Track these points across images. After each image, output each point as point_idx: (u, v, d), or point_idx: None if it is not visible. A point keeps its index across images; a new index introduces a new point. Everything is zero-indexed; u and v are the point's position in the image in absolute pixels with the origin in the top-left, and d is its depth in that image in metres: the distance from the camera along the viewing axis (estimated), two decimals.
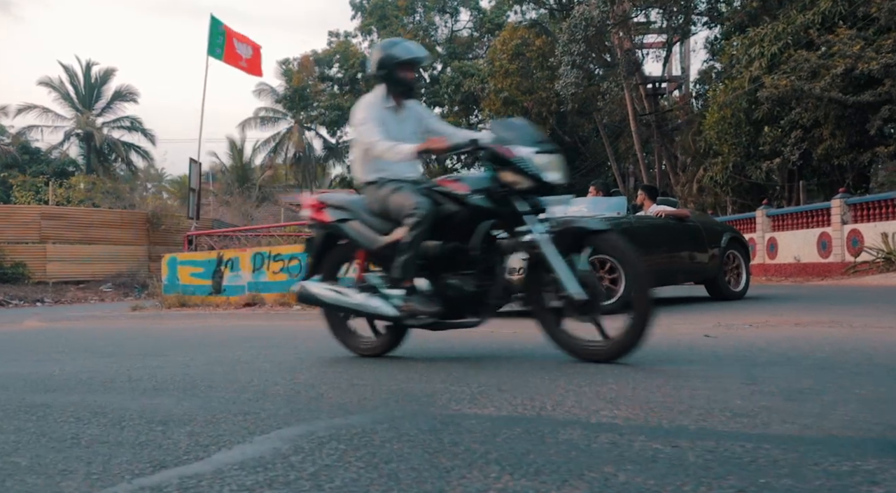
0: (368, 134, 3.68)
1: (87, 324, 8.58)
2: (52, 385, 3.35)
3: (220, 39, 12.19)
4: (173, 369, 3.77)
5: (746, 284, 7.74)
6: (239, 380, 3.23)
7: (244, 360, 4.14)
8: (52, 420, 2.46)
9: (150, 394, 2.97)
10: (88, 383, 3.39)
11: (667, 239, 6.95)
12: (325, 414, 2.34)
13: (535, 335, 4.79)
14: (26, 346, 5.93)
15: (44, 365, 4.33)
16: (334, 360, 3.89)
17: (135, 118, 46.17)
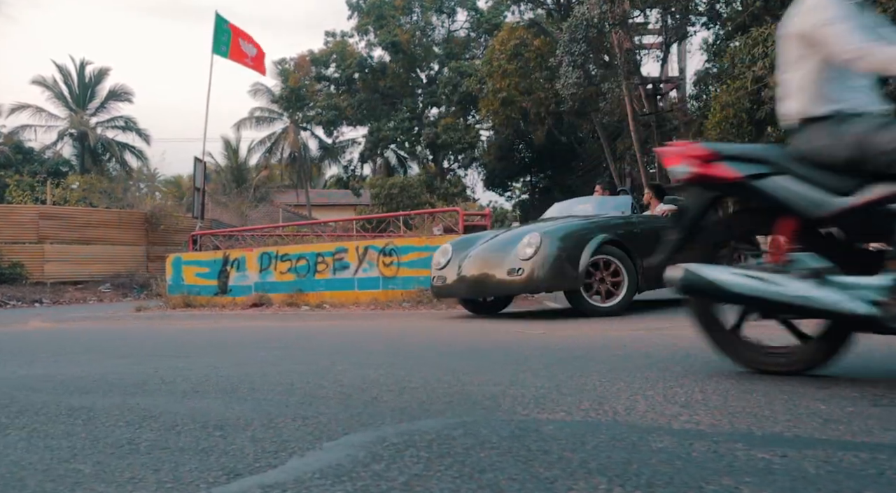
0: (842, 37, 2.45)
1: (94, 324, 8.44)
2: (84, 387, 3.24)
3: (225, 37, 12.09)
4: (203, 371, 3.66)
5: None
6: (280, 382, 3.12)
7: (271, 361, 4.03)
8: (101, 424, 2.36)
9: (192, 396, 2.86)
10: (120, 384, 3.28)
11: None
12: (388, 419, 2.24)
13: (567, 334, 4.72)
14: (39, 347, 5.80)
15: (65, 366, 4.22)
16: (366, 361, 3.78)
17: (129, 118, 46.01)
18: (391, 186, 31.54)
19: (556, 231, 6.21)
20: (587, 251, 5.93)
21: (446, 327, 5.70)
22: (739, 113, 17.75)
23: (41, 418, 2.54)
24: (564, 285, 6.03)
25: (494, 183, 42.34)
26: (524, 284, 6.01)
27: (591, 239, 6.01)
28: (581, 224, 6.44)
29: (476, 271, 6.32)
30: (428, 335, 5.22)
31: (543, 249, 5.95)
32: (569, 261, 5.92)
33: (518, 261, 6.03)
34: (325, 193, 53.31)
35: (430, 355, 3.89)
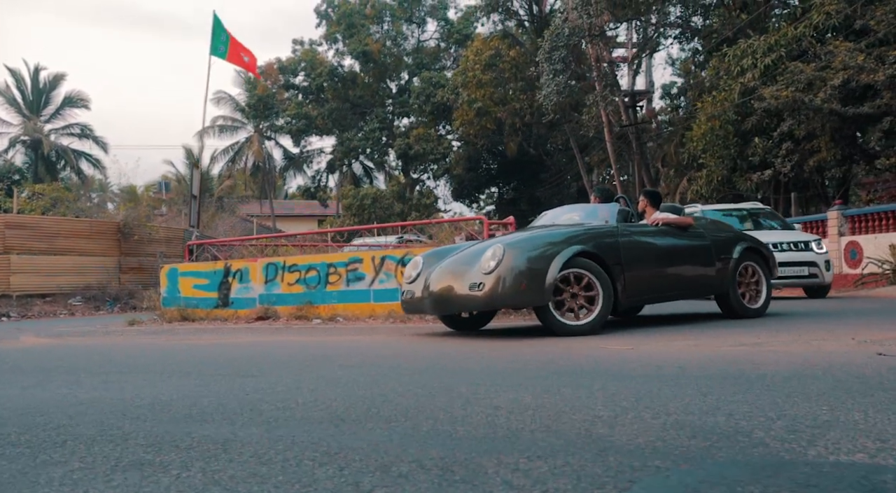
0: None
1: (95, 340, 7.83)
2: (192, 414, 2.77)
3: (223, 37, 11.57)
4: (296, 393, 3.22)
5: (767, 300, 6.74)
6: (421, 407, 2.70)
7: (362, 382, 3.59)
8: (295, 464, 1.92)
9: (329, 424, 2.43)
10: (228, 409, 2.83)
11: (660, 250, 6.19)
12: (649, 459, 1.86)
13: (657, 349, 4.32)
14: (54, 365, 5.24)
15: (126, 388, 3.72)
16: (508, 382, 3.38)
17: (85, 125, 44.63)
18: (363, 196, 31.12)
19: (522, 243, 5.73)
20: (556, 264, 5.39)
21: (512, 347, 5.29)
22: (725, 125, 17.81)
23: (204, 454, 2.09)
24: (529, 300, 5.55)
25: (462, 194, 42.16)
26: (485, 299, 5.50)
27: (561, 251, 5.48)
28: (552, 235, 5.88)
29: (441, 285, 5.84)
30: (513, 354, 4.84)
31: (506, 262, 5.43)
32: (534, 275, 5.39)
33: (480, 275, 5.53)
34: (287, 204, 52.48)
35: (558, 375, 3.50)
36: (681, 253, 6.32)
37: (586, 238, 5.75)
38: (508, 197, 43.19)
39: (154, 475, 1.93)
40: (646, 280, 5.99)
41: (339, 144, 35.58)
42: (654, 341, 5.00)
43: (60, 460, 2.17)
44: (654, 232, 6.35)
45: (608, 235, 5.92)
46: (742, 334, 5.23)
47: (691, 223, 6.57)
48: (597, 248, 5.66)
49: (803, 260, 10.39)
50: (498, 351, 4.82)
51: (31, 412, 3.10)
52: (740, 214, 11.65)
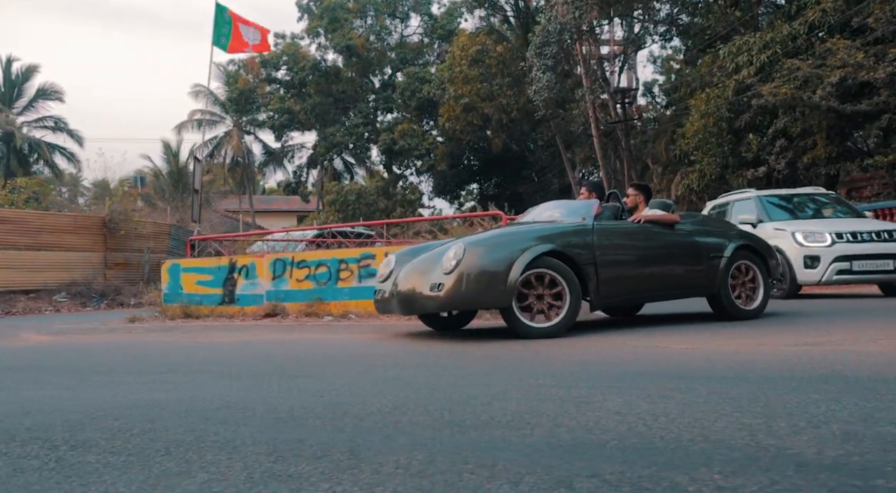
0: None
1: (101, 338, 7.56)
2: (260, 418, 2.59)
3: (225, 29, 11.25)
4: (368, 395, 3.04)
5: (764, 301, 6.38)
6: (536, 412, 2.55)
7: (417, 384, 3.43)
8: (419, 472, 1.75)
9: (446, 430, 2.27)
10: (296, 414, 2.65)
11: (639, 249, 5.95)
12: (859, 478, 1.72)
13: (715, 347, 4.18)
14: (76, 365, 4.99)
15: (164, 389, 3.51)
16: (574, 384, 3.23)
17: (59, 118, 43.67)
18: (348, 192, 30.80)
19: (484, 242, 5.52)
20: (519, 264, 5.18)
21: (551, 349, 5.14)
22: (719, 122, 17.82)
23: (339, 464, 1.92)
24: (491, 301, 5.35)
25: (444, 190, 41.95)
26: (444, 300, 5.29)
27: (526, 251, 5.25)
28: (518, 233, 5.65)
29: (406, 285, 5.67)
30: (566, 356, 4.69)
31: (467, 261, 5.25)
32: (495, 275, 5.19)
33: (441, 275, 5.34)
34: (266, 200, 51.89)
35: (637, 376, 3.36)
36: (664, 252, 6.03)
37: (555, 237, 5.52)
38: (490, 193, 43.07)
39: (304, 488, 1.75)
40: (623, 280, 5.75)
41: (322, 139, 35.16)
42: (702, 340, 4.88)
43: (181, 470, 1.98)
44: (634, 230, 6.08)
45: (580, 233, 5.66)
46: (774, 333, 5.14)
47: (677, 220, 6.26)
48: (566, 247, 5.44)
49: (887, 252, 9.00)
50: (543, 353, 4.67)
51: (100, 415, 2.90)
52: (800, 200, 10.71)
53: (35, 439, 2.50)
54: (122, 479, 1.92)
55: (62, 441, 2.43)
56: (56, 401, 3.40)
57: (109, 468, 2.04)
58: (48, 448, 2.35)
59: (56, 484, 1.91)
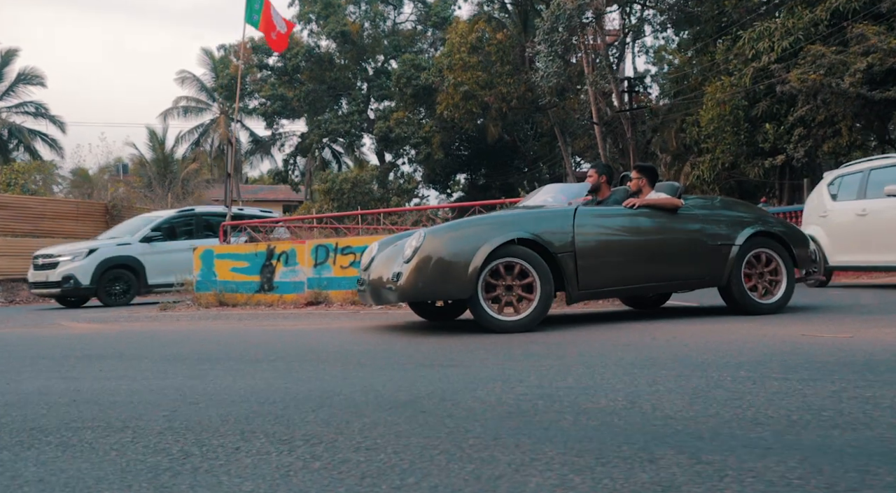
0: None
1: (149, 326, 7.08)
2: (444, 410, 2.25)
3: (257, 6, 10.77)
4: (498, 384, 2.72)
5: (787, 294, 5.70)
6: (742, 400, 2.24)
7: (549, 376, 3.11)
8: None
9: (635, 421, 1.95)
10: (471, 408, 2.31)
11: (629, 236, 5.48)
12: None
13: (875, 338, 3.87)
14: (161, 353, 4.58)
15: (311, 379, 3.16)
16: (748, 375, 2.92)
17: (40, 103, 42.61)
18: (343, 181, 30.31)
19: (447, 229, 5.19)
20: (482, 253, 4.84)
21: (685, 334, 4.84)
22: (735, 110, 17.64)
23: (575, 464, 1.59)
24: (452, 292, 4.98)
25: (435, 180, 41.55)
26: (402, 291, 4.97)
27: (491, 238, 4.89)
28: (487, 220, 5.32)
29: (375, 274, 5.40)
30: (704, 342, 4.38)
31: (425, 249, 4.93)
32: (456, 264, 4.86)
33: (400, 264, 5.05)
34: (251, 190, 51.11)
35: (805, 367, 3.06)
36: (658, 239, 5.53)
37: (528, 223, 5.12)
38: (481, 183, 42.73)
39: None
40: (608, 270, 5.31)
41: (314, 126, 34.57)
42: (840, 329, 4.61)
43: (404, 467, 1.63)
44: (624, 215, 5.55)
45: (559, 219, 5.23)
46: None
47: (678, 205, 5.66)
48: (539, 234, 5.04)
49: None
50: (674, 340, 4.36)
51: (262, 404, 2.53)
52: None
53: (259, 433, 2.14)
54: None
55: (280, 434, 2.08)
56: (199, 391, 3.02)
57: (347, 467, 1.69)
58: (280, 442, 2.00)
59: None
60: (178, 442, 2.15)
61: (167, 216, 13.24)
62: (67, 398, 3.02)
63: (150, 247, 12.43)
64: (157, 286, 12.32)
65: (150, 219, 13.33)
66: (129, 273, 12.18)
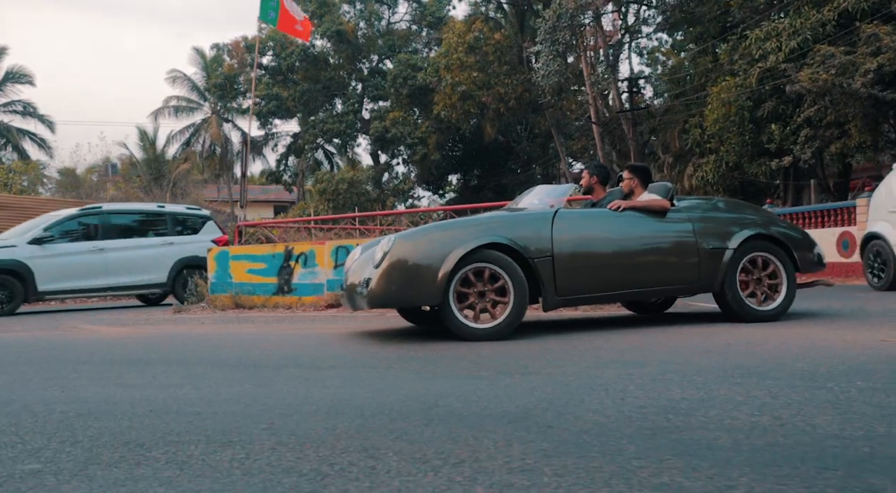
0: None
1: (174, 329, 6.87)
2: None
3: (273, 2, 10.54)
4: (613, 397, 2.58)
5: (786, 301, 5.40)
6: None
7: (675, 381, 2.97)
8: None
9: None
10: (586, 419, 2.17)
11: (611, 240, 5.22)
12: None
13: None
14: (185, 358, 4.42)
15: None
16: (848, 385, 2.79)
17: (28, 102, 42.06)
18: (339, 181, 30.08)
19: (417, 233, 5.02)
20: (452, 258, 4.67)
21: (755, 342, 4.71)
22: (741, 110, 17.60)
23: None
24: (421, 298, 4.82)
25: (429, 180, 41.39)
26: (373, 297, 4.80)
27: (463, 243, 4.72)
28: (460, 223, 5.18)
29: (350, 279, 5.29)
30: (774, 353, 4.25)
31: (394, 254, 4.77)
32: (425, 269, 4.70)
33: (370, 269, 4.91)
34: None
35: None
36: (642, 242, 5.27)
37: (503, 227, 4.93)
38: (474, 184, 42.60)
39: None
40: (588, 275, 5.08)
41: (310, 126, 34.31)
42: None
43: None
44: (608, 218, 5.31)
45: (536, 222, 5.03)
46: None
47: (666, 207, 5.38)
48: (514, 238, 4.85)
49: None
50: (748, 346, 4.24)
51: (372, 414, 2.37)
52: None
53: (383, 449, 1.98)
54: None
55: (409, 451, 1.92)
56: (279, 401, 2.85)
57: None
58: (416, 460, 1.84)
59: None
60: (300, 460, 1.99)
61: (65, 215, 11.74)
62: (142, 408, 2.85)
63: (41, 249, 10.97)
64: (51, 293, 11.11)
65: (46, 218, 11.94)
66: (12, 279, 10.68)
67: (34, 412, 2.84)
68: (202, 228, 12.57)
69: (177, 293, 11.79)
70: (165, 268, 11.80)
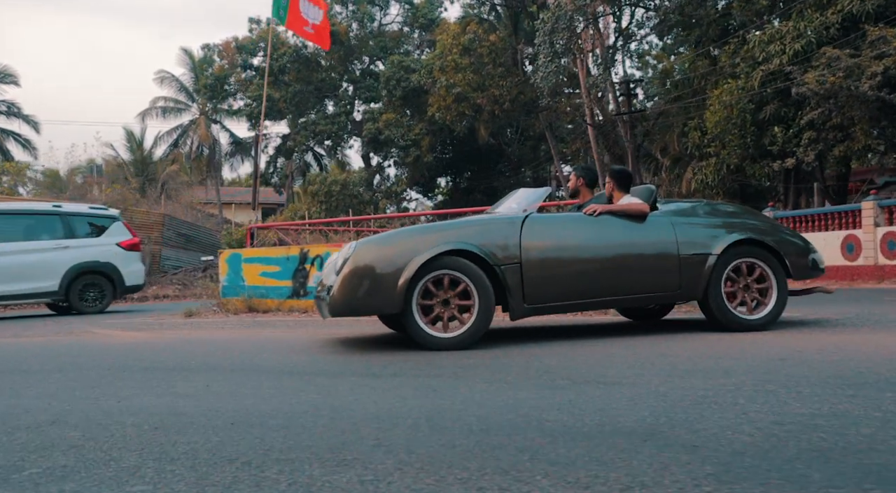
0: None
1: (195, 334, 6.63)
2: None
3: (284, 1, 10.26)
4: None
5: (776, 309, 5.12)
6: None
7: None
8: None
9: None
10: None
11: (584, 246, 4.97)
12: None
13: None
14: (218, 365, 4.22)
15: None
16: None
17: (12, 102, 41.41)
18: (332, 183, 29.80)
19: (379, 239, 4.85)
20: (413, 265, 4.52)
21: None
22: (742, 113, 17.58)
23: None
24: (381, 306, 4.64)
25: (420, 182, 41.19)
26: (334, 304, 4.63)
27: (425, 249, 4.56)
28: (424, 229, 5.00)
29: (321, 285, 5.15)
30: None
31: (353, 261, 4.61)
32: (385, 277, 4.55)
33: (332, 276, 4.76)
34: (230, 191, 50.23)
35: None
36: (620, 249, 5.03)
37: (469, 233, 4.75)
38: (464, 186, 42.44)
39: None
40: (560, 283, 4.86)
41: (301, 128, 34.00)
42: None
43: None
44: (581, 223, 5.08)
45: (504, 227, 4.83)
46: None
47: (645, 211, 5.15)
48: (480, 244, 4.68)
49: None
50: (824, 353, 4.12)
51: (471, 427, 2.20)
52: None
53: (526, 471, 1.81)
54: None
55: (551, 472, 1.75)
56: (358, 412, 2.67)
57: None
58: (567, 484, 1.67)
59: None
60: (440, 483, 1.81)
61: None
62: (219, 421, 2.66)
63: None
64: None
65: None
66: None
67: (103, 425, 2.65)
68: (107, 229, 11.55)
69: (72, 303, 10.98)
70: (57, 275, 10.77)
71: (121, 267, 11.41)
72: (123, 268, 11.45)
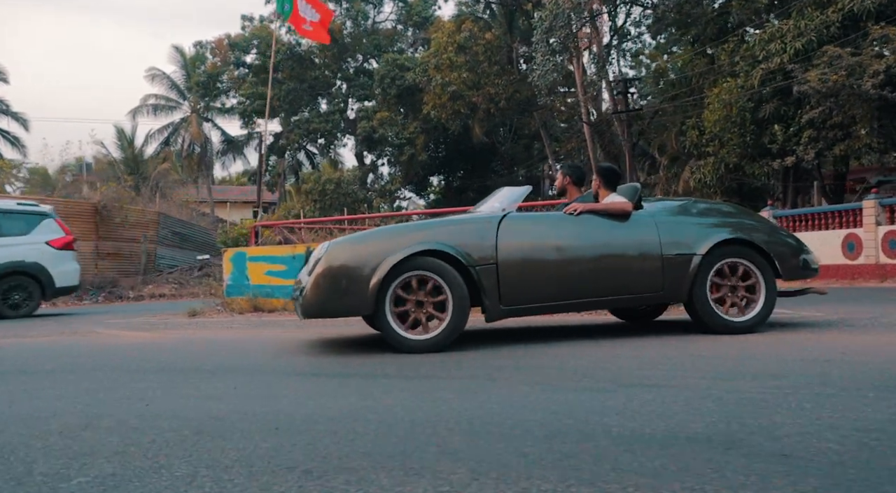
0: None
1: (204, 334, 6.50)
2: None
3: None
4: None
5: (764, 311, 4.95)
6: None
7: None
8: None
9: None
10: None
11: (562, 246, 4.81)
12: None
13: None
14: (242, 366, 4.10)
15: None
16: None
17: (1, 99, 40.92)
18: (326, 182, 29.63)
19: (352, 239, 4.75)
20: (385, 265, 4.41)
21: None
22: (742, 112, 17.56)
23: None
24: (352, 308, 4.53)
25: (413, 181, 41.05)
26: (306, 305, 4.54)
27: (397, 250, 4.45)
28: (398, 229, 4.92)
29: (297, 286, 5.02)
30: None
31: (326, 261, 4.49)
32: (356, 277, 4.43)
33: (306, 276, 4.67)
34: (220, 190, 49.91)
35: None
36: (600, 249, 4.88)
37: (444, 233, 4.64)
38: (457, 185, 42.32)
39: None
40: (538, 284, 4.73)
41: (294, 126, 33.77)
42: None
43: None
44: (561, 222, 4.95)
45: (480, 227, 4.71)
46: None
47: (627, 210, 4.99)
48: (454, 245, 4.56)
49: None
50: (866, 356, 4.03)
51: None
52: None
53: (611, 480, 1.70)
54: None
55: (622, 482, 1.65)
56: (399, 415, 2.54)
57: None
58: None
59: None
60: None
61: None
62: (261, 425, 2.53)
63: None
64: None
65: None
66: None
67: (140, 430, 2.52)
68: (36, 227, 10.69)
69: None
70: None
71: (50, 267, 10.51)
72: (53, 268, 10.56)
